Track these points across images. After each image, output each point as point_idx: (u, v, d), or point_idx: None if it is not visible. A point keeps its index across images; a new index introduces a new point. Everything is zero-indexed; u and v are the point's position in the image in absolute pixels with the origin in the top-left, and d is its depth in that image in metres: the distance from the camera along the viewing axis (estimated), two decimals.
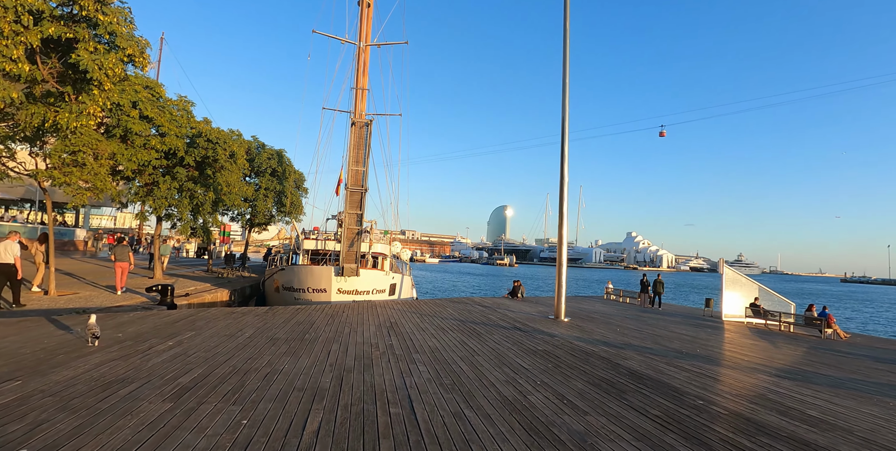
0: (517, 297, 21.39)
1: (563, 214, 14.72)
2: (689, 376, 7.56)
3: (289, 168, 28.59)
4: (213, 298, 16.46)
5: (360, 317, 11.13)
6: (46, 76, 8.49)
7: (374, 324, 10.18)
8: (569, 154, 14.88)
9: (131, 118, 15.65)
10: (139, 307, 12.28)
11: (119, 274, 14.71)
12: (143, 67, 9.31)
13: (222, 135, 17.87)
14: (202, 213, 18.17)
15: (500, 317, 13.41)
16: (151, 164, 16.22)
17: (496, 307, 15.98)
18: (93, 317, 6.95)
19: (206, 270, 25.07)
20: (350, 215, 13.77)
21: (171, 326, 8.14)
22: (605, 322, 14.75)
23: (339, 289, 15.03)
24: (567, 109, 14.97)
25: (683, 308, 27.04)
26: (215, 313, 9.95)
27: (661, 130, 34.00)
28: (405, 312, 12.71)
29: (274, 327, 8.80)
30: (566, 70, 15.04)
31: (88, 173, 12.76)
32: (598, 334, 11.65)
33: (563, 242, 14.81)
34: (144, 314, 9.21)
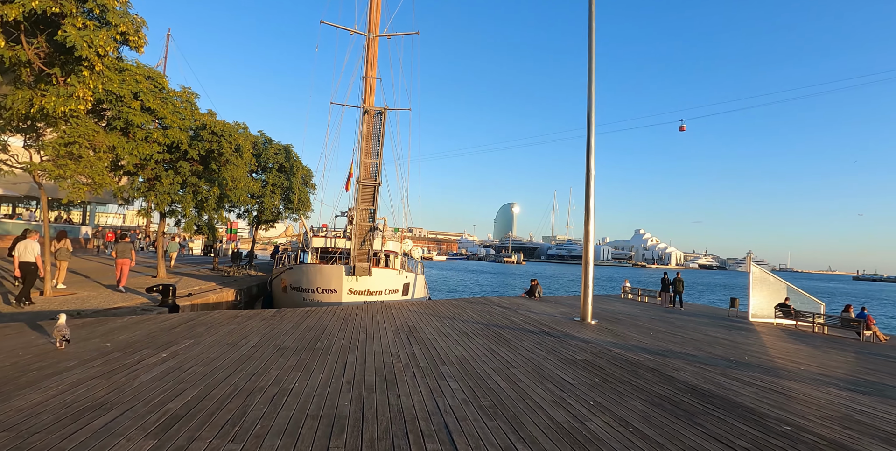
0: (535, 296, 20.47)
1: (589, 210, 13.76)
2: (755, 391, 6.60)
3: (296, 164, 27.78)
4: (217, 298, 15.66)
5: (375, 321, 10.24)
6: (32, 57, 7.65)
7: (391, 329, 9.29)
8: (595, 147, 13.92)
9: (133, 110, 14.85)
10: (138, 309, 11.48)
11: (120, 271, 14.37)
12: (139, 48, 8.45)
13: (227, 127, 17.04)
14: (207, 209, 17.36)
15: (523, 319, 12.49)
16: (154, 158, 15.42)
17: (517, 308, 15.05)
18: (62, 317, 6.21)
19: (211, 268, 24.34)
20: (362, 211, 12.87)
21: (167, 333, 7.28)
22: (634, 325, 13.81)
23: (350, 289, 14.17)
24: (593, 98, 13.99)
25: (706, 308, 25.99)
26: (218, 318, 9.10)
27: (681, 124, 32.87)
28: (422, 314, 11.81)
29: (282, 334, 7.92)
30: (591, 56, 14.05)
31: (85, 167, 11.97)
32: (633, 339, 10.71)
33: (590, 240, 13.85)
34: (140, 319, 8.37)
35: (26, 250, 10.63)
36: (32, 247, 10.75)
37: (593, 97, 14.00)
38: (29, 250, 10.66)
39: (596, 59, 14.14)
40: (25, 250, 10.62)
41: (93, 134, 12.17)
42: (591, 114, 13.93)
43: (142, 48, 8.49)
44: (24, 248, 10.64)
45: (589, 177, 13.76)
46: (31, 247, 10.72)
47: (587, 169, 13.80)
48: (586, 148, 13.88)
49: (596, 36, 13.96)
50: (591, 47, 14.04)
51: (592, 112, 13.93)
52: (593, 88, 14.04)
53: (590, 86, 14.06)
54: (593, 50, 14.07)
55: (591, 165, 13.78)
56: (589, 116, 13.95)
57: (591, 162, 13.80)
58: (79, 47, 7.23)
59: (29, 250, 10.66)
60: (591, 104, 13.97)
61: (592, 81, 14.04)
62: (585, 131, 13.99)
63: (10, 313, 9.71)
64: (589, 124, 13.95)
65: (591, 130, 13.93)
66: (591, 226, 13.82)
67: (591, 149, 13.82)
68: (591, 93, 13.99)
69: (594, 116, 13.96)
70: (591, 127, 13.95)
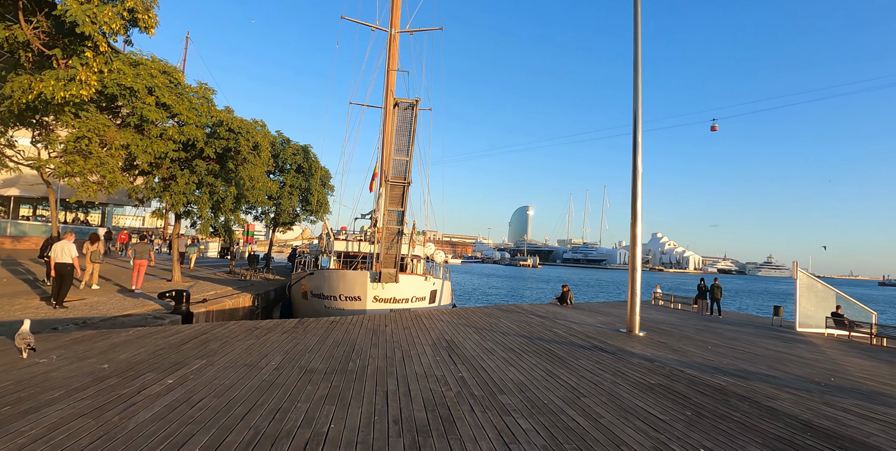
0: (566, 303, 19.27)
1: (636, 213, 12.57)
2: (881, 428, 5.40)
3: (315, 164, 26.97)
4: (234, 304, 14.78)
5: (408, 333, 9.19)
6: (30, 37, 6.78)
7: (427, 344, 8.23)
8: (642, 144, 12.73)
9: (147, 105, 14.06)
10: (149, 317, 10.59)
11: (137, 272, 14.16)
12: (149, 29, 7.57)
13: (245, 124, 16.19)
14: (223, 210, 16.53)
15: (567, 331, 11.34)
16: (169, 156, 14.61)
17: (554, 318, 13.89)
18: (26, 323, 5.39)
19: (228, 271, 23.57)
20: (389, 213, 11.84)
21: (175, 350, 6.31)
22: (685, 336, 12.61)
23: (375, 297, 13.14)
24: (639, 91, 12.82)
25: (745, 316, 24.51)
26: (234, 330, 8.12)
27: (713, 124, 31.38)
28: (456, 325, 10.73)
29: (307, 351, 6.90)
30: (637, 45, 12.89)
31: (95, 164, 11.17)
32: (695, 356, 9.52)
33: (638, 245, 12.65)
34: (147, 332, 7.41)
35: (62, 251, 10.53)
36: (69, 248, 10.64)
37: (640, 90, 12.83)
38: (65, 252, 10.57)
39: (641, 53, 12.98)
40: (62, 251, 10.53)
41: (103, 128, 11.39)
42: (637, 108, 12.77)
43: (152, 29, 7.60)
44: (61, 249, 10.55)
45: (636, 177, 12.58)
46: (67, 248, 10.61)
47: (633, 168, 12.63)
48: (632, 146, 12.72)
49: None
50: (636, 36, 12.89)
51: (639, 106, 12.76)
52: (640, 79, 12.87)
53: (636, 78, 12.90)
54: (639, 41, 12.92)
55: (637, 163, 12.61)
56: (635, 111, 12.78)
57: (639, 161, 12.62)
58: (81, 23, 6.34)
59: (65, 252, 10.57)
60: (638, 96, 12.80)
61: (639, 72, 12.88)
62: (632, 128, 12.84)
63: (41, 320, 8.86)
64: (635, 120, 12.79)
65: (638, 125, 12.76)
66: (639, 230, 12.62)
67: (637, 146, 12.65)
68: (637, 84, 12.82)
69: (640, 111, 12.79)
70: (637, 122, 12.78)
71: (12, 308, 10.32)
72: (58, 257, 10.49)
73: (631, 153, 12.68)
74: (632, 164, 12.68)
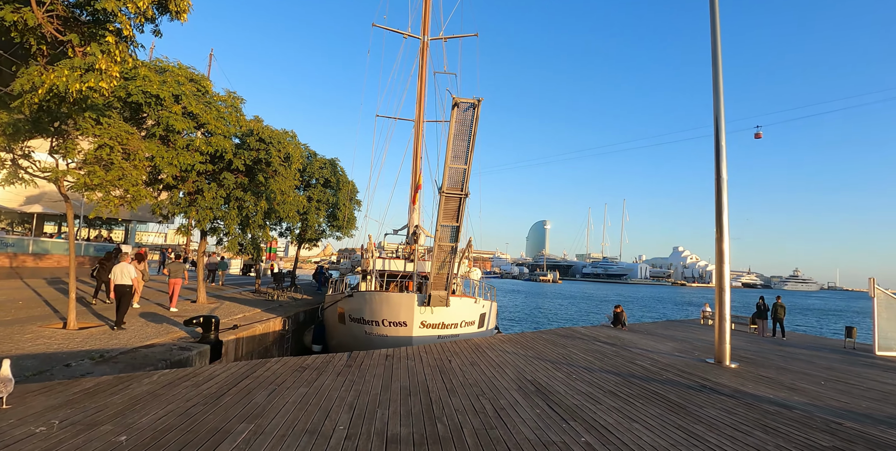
0: (621, 326, 17.57)
1: (722, 226, 11.00)
2: None
3: (342, 178, 25.90)
4: (264, 329, 13.47)
5: (479, 371, 7.70)
6: (42, 21, 5.63)
7: (511, 387, 6.73)
8: (726, 152, 11.21)
9: (174, 114, 13.04)
10: (174, 348, 9.30)
11: (172, 291, 14.12)
12: (181, 14, 6.40)
13: (276, 134, 15.10)
14: (252, 226, 15.33)
15: (652, 364, 9.74)
16: (196, 168, 13.51)
17: (624, 345, 12.25)
18: (4, 365, 4.35)
19: (253, 290, 22.38)
20: (444, 229, 10.46)
21: (213, 407, 4.90)
22: (779, 367, 10.98)
23: (422, 322, 11.71)
24: (720, 90, 11.36)
25: (811, 338, 22.37)
26: (278, 372, 6.70)
27: (757, 131, 29.70)
28: (527, 358, 9.20)
29: (374, 403, 5.45)
30: (717, 44, 11.49)
31: (117, 176, 10.04)
32: (823, 396, 7.90)
33: (725, 260, 11.03)
34: (174, 377, 6.03)
35: (122, 272, 10.64)
36: (128, 270, 10.76)
37: (721, 95, 11.36)
38: (125, 273, 10.65)
39: (721, 54, 11.56)
40: (121, 272, 10.64)
41: (126, 136, 10.28)
42: (719, 113, 11.30)
43: (184, 14, 6.44)
44: (120, 271, 10.66)
45: (720, 186, 11.06)
46: (126, 270, 10.73)
47: (717, 177, 11.11)
48: (715, 153, 11.22)
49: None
50: (715, 37, 11.49)
51: (721, 111, 11.29)
52: (720, 83, 11.42)
53: (715, 82, 11.46)
54: (718, 40, 11.52)
55: (721, 172, 11.08)
56: (717, 116, 11.32)
57: (723, 168, 11.10)
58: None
59: (125, 273, 10.65)
60: (719, 101, 11.34)
61: (719, 74, 11.43)
62: (713, 133, 11.34)
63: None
64: (717, 126, 11.30)
65: (721, 132, 11.26)
66: (725, 245, 11.02)
67: (721, 153, 11.14)
68: (717, 86, 11.37)
69: (723, 116, 11.29)
70: (719, 127, 11.29)
71: (23, 337, 9.13)
72: (117, 279, 10.56)
73: (714, 162, 11.18)
74: (715, 172, 11.16)
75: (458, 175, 9.88)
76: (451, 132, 9.39)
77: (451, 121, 9.31)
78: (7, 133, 8.65)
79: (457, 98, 9.10)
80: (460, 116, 9.33)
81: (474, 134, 9.51)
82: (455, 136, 9.45)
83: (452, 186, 9.98)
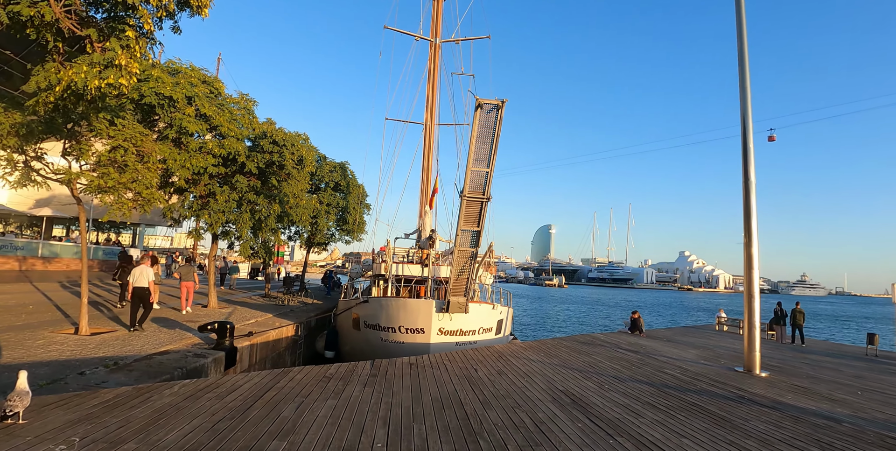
0: (639, 332, 17.22)
1: (750, 228, 10.68)
2: None
3: (352, 182, 25.71)
4: (277, 335, 13.19)
5: (508, 381, 7.39)
6: (60, 16, 5.41)
7: (545, 398, 6.42)
8: (753, 152, 10.90)
9: (187, 116, 12.87)
10: (189, 355, 9.04)
11: (185, 294, 14.22)
12: (202, 9, 6.17)
13: (289, 137, 14.87)
14: (264, 230, 15.10)
15: (682, 372, 9.41)
16: (208, 171, 13.31)
17: (648, 353, 11.90)
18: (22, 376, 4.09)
19: (263, 294, 22.14)
20: (464, 233, 10.18)
21: (241, 421, 4.60)
22: (809, 376, 10.77)
23: (440, 329, 11.41)
24: (748, 93, 11.06)
25: (831, 345, 21.91)
26: (303, 382, 6.41)
27: (771, 134, 29.41)
28: (554, 367, 8.89)
29: (409, 417, 5.15)
30: (743, 44, 11.20)
31: (131, 179, 9.83)
32: (866, 408, 7.60)
33: (755, 265, 10.70)
34: (195, 388, 5.74)
35: (141, 275, 10.82)
36: (147, 273, 10.93)
37: (748, 90, 11.06)
38: (144, 276, 10.82)
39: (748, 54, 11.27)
40: (141, 275, 10.81)
41: (140, 138, 10.08)
42: (746, 113, 11.00)
43: (206, 9, 6.20)
44: (140, 273, 10.84)
45: (748, 189, 10.74)
46: (145, 273, 10.90)
47: (745, 179, 10.79)
48: (742, 155, 10.92)
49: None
50: (741, 37, 11.21)
51: (748, 112, 10.99)
52: (747, 78, 11.12)
53: (742, 77, 11.17)
54: (744, 40, 11.23)
55: (750, 174, 10.76)
56: (744, 117, 11.02)
57: (751, 171, 10.78)
58: None
59: (144, 276, 10.82)
60: (747, 100, 11.04)
61: (746, 72, 11.14)
62: (741, 135, 11.03)
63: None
64: (745, 127, 10.99)
65: (749, 128, 10.96)
66: (755, 249, 10.69)
67: (748, 155, 10.83)
68: (745, 83, 11.08)
69: (750, 115, 10.99)
70: (747, 128, 10.98)
71: (35, 343, 8.89)
72: (136, 282, 10.71)
73: (742, 163, 10.87)
74: (742, 175, 10.85)
75: (479, 178, 9.61)
76: (474, 134, 9.12)
77: (474, 123, 9.05)
78: (21, 134, 8.45)
79: (480, 99, 8.85)
80: (483, 118, 9.07)
81: (497, 136, 9.25)
82: (477, 138, 9.19)
83: (474, 190, 9.70)
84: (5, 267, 22.44)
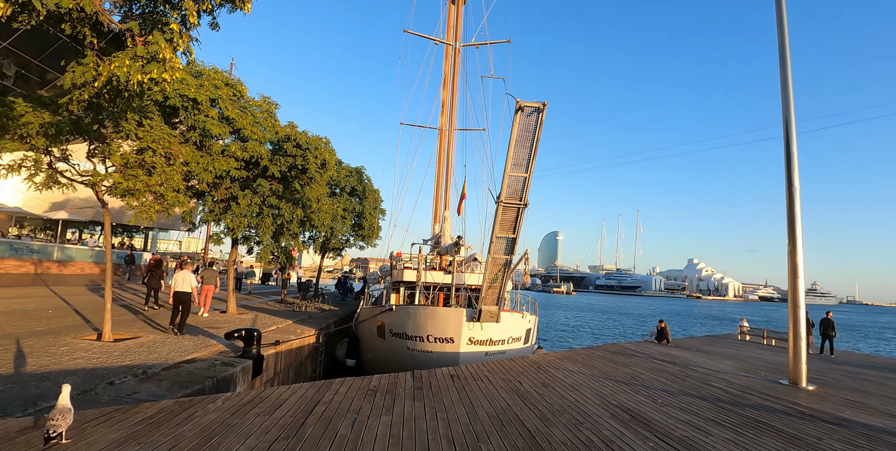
0: (666, 342, 16.76)
1: (795, 235, 10.27)
2: None
3: (368, 187, 25.49)
4: (300, 342, 12.87)
5: (557, 395, 7.02)
6: (99, 8, 5.18)
7: (604, 414, 6.05)
8: (797, 154, 10.52)
9: (210, 118, 12.68)
10: (217, 363, 8.73)
11: (204, 297, 14.35)
12: (246, 3, 5.91)
13: (312, 140, 14.63)
14: (286, 235, 14.84)
15: (729, 385, 9.01)
16: (231, 175, 13.10)
17: (686, 364, 11.47)
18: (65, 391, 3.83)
19: (279, 300, 21.87)
20: (499, 240, 9.85)
21: (297, 443, 4.14)
22: (856, 389, 10.29)
23: (470, 338, 11.06)
24: (791, 95, 10.70)
25: (860, 356, 21.28)
26: (348, 396, 6.06)
27: None
28: (599, 379, 8.50)
29: (472, 434, 4.79)
30: (785, 41, 10.87)
31: (159, 182, 9.61)
32: None
33: (800, 274, 10.28)
34: (239, 402, 5.40)
35: (183, 280, 11.19)
36: (189, 278, 11.36)
37: (790, 93, 10.70)
38: (186, 281, 11.21)
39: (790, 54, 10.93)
40: (182, 280, 11.19)
41: (168, 139, 9.87)
42: (789, 113, 10.63)
43: (249, 4, 5.95)
44: (182, 279, 11.20)
45: (793, 195, 10.35)
46: (187, 278, 11.30)
47: (789, 185, 10.40)
48: (786, 160, 10.52)
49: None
50: (782, 26, 10.88)
51: (791, 111, 10.63)
52: (789, 80, 10.77)
53: (784, 79, 10.82)
54: (786, 39, 10.90)
55: (794, 180, 10.37)
56: (787, 119, 10.65)
57: (795, 177, 10.39)
58: None
59: (186, 281, 11.21)
60: (789, 98, 10.68)
61: (787, 69, 10.79)
62: (783, 139, 10.67)
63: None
64: (787, 129, 10.63)
65: (792, 133, 10.58)
66: (800, 257, 10.27)
67: (792, 158, 10.45)
68: (787, 85, 10.72)
69: (793, 118, 10.62)
70: (790, 129, 10.61)
71: (59, 350, 8.64)
72: (178, 286, 11.06)
73: (784, 170, 10.47)
74: (786, 181, 10.46)
75: (517, 184, 9.29)
76: (513, 138, 8.82)
77: (514, 126, 8.75)
78: (49, 134, 8.23)
79: (521, 102, 8.55)
80: (523, 122, 8.77)
81: (537, 140, 8.93)
82: (517, 142, 8.88)
83: (511, 196, 9.37)
84: (21, 270, 22.30)
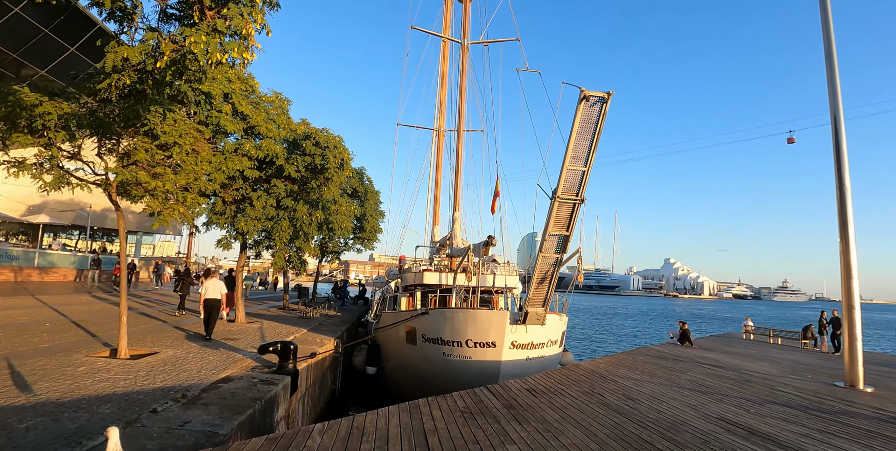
0: (690, 343, 16.54)
1: (847, 235, 10.04)
2: None
3: (369, 188, 24.77)
4: (324, 353, 12.10)
5: (644, 406, 6.51)
6: None
7: (708, 426, 5.58)
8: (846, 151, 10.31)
9: (223, 114, 11.83)
10: (256, 382, 7.95)
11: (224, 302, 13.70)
12: None
13: (331, 139, 13.86)
14: (301, 238, 14.01)
15: (794, 391, 8.68)
16: (244, 174, 12.28)
17: (733, 368, 11.14)
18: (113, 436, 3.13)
19: (281, 306, 20.91)
20: (551, 238, 9.34)
21: None
22: None
23: (512, 342, 10.52)
24: (839, 95, 10.48)
25: (871, 354, 21.52)
26: (447, 420, 5.41)
27: (790, 137, 29.40)
28: (668, 387, 8.05)
29: None
30: (830, 36, 10.67)
31: (188, 180, 8.79)
32: None
33: (854, 275, 10.03)
34: (336, 436, 4.66)
35: (214, 288, 11.50)
36: (219, 285, 11.69)
37: (838, 93, 10.49)
38: (217, 289, 11.53)
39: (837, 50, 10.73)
40: (213, 288, 11.49)
41: (194, 134, 9.04)
42: (837, 110, 10.42)
43: None
44: (213, 286, 11.52)
45: (843, 194, 10.12)
46: (217, 286, 11.63)
47: (839, 184, 10.17)
48: (835, 159, 10.29)
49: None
50: (827, 21, 10.67)
51: (839, 108, 10.41)
52: (837, 80, 10.56)
53: (832, 78, 10.61)
54: (831, 29, 10.69)
55: (844, 179, 10.14)
56: (836, 115, 10.43)
57: (846, 176, 10.16)
58: None
59: (217, 289, 11.53)
60: (837, 96, 10.46)
61: (835, 68, 10.58)
62: (832, 138, 10.45)
63: None
64: (836, 128, 10.40)
65: (841, 131, 10.37)
66: (853, 257, 10.04)
67: (842, 158, 10.23)
68: (835, 85, 10.51)
69: (842, 116, 10.41)
70: (839, 127, 10.39)
71: (76, 371, 7.70)
72: (208, 294, 11.35)
73: (834, 167, 10.25)
74: (836, 180, 10.23)
75: (575, 178, 8.78)
76: (575, 129, 8.32)
77: (576, 117, 8.25)
78: (71, 126, 7.35)
79: (586, 91, 8.07)
80: (586, 112, 8.27)
81: (599, 132, 8.45)
82: (578, 134, 8.38)
83: (568, 190, 8.86)
84: (0, 278, 20.85)
